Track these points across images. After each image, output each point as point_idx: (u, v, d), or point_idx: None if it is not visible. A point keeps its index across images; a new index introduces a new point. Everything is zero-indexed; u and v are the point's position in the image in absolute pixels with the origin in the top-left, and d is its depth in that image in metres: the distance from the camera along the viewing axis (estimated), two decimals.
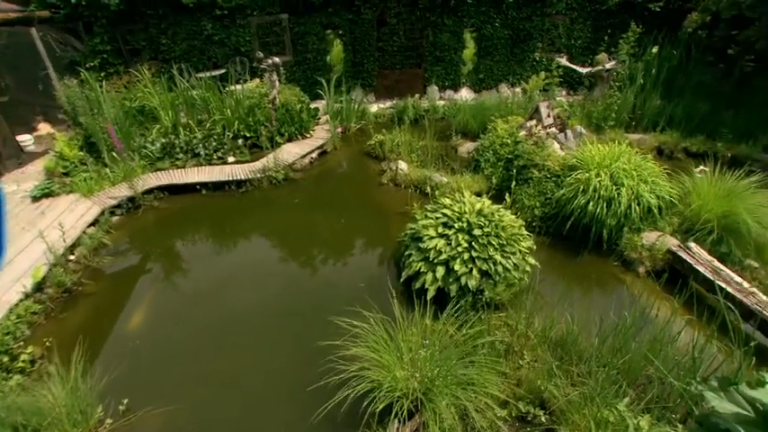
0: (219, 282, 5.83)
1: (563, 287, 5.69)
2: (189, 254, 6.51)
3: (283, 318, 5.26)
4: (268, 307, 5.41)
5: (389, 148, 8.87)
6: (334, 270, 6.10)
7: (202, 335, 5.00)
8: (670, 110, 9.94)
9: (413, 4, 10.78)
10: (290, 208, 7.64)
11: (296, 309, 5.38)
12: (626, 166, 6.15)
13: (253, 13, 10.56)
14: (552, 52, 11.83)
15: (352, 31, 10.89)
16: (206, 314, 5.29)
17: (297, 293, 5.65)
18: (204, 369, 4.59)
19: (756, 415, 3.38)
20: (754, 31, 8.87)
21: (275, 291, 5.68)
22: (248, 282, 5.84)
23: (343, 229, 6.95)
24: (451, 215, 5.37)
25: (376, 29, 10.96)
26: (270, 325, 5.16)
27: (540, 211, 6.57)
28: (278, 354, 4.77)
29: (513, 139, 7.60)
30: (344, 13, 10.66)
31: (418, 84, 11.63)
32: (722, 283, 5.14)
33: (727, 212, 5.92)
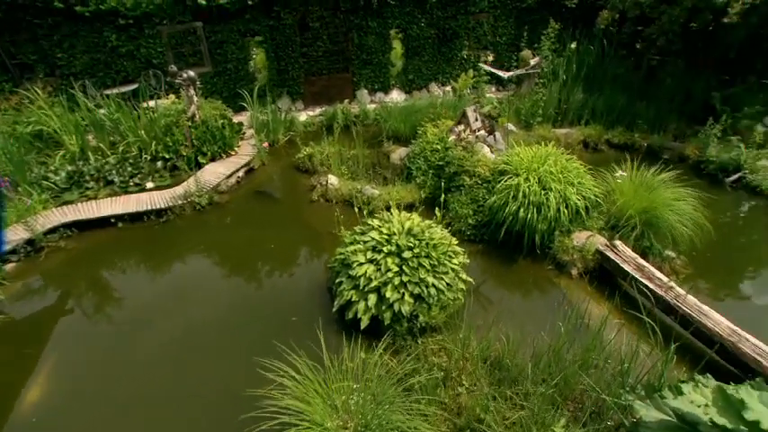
0: (134, 329, 5.27)
1: (499, 298, 5.65)
2: (101, 302, 5.84)
3: (206, 363, 4.81)
4: (190, 353, 4.93)
5: (319, 160, 8.50)
6: (265, 303, 5.70)
7: (111, 400, 4.46)
8: (592, 103, 10.26)
9: (335, 7, 10.40)
10: (215, 236, 7.10)
11: (221, 351, 4.95)
12: (553, 168, 6.18)
13: (162, 22, 9.75)
14: (479, 50, 11.90)
15: (274, 38, 10.35)
16: (117, 373, 4.74)
17: (222, 334, 5.20)
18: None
19: (679, 421, 3.41)
20: (655, 29, 9.30)
21: (198, 334, 5.20)
22: (167, 327, 5.30)
23: (274, 256, 6.54)
24: (380, 238, 5.13)
25: (298, 34, 10.48)
26: (191, 374, 4.70)
27: (473, 220, 6.50)
28: (196, 408, 4.34)
29: (443, 145, 7.49)
30: (263, 19, 10.10)
31: (347, 88, 11.30)
32: (645, 280, 5.28)
33: (647, 208, 6.12)
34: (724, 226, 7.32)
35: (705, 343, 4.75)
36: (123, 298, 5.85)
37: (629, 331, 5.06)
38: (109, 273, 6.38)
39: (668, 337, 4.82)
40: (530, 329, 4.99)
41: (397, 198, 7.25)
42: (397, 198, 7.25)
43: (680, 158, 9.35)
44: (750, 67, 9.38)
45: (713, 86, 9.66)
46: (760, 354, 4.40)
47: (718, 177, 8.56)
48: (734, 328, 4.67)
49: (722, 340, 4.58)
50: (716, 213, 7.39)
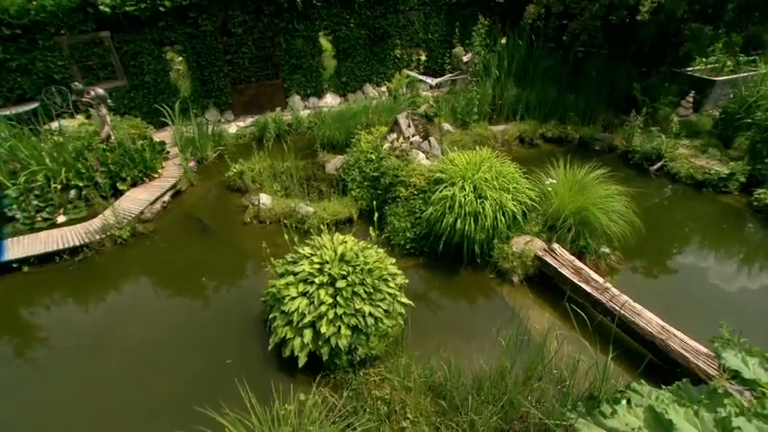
0: (38, 396, 4.69)
1: (442, 315, 5.52)
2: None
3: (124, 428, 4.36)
4: (102, 418, 4.45)
5: (250, 177, 8.03)
6: (197, 346, 5.24)
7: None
8: (525, 97, 10.40)
9: (258, 11, 9.84)
10: (138, 273, 6.51)
11: (144, 411, 4.50)
12: (488, 175, 6.11)
13: (60, 32, 8.80)
14: (411, 48, 11.74)
15: (194, 46, 9.66)
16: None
17: (147, 389, 4.74)
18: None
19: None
20: (578, 24, 9.51)
21: (116, 389, 4.70)
22: (76, 386, 4.76)
23: (205, 290, 6.07)
24: (311, 269, 4.83)
25: (220, 41, 9.85)
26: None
27: (411, 233, 6.33)
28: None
29: (377, 155, 7.26)
30: (179, 26, 9.38)
31: (278, 95, 10.80)
32: (583, 283, 5.33)
33: (580, 208, 6.19)
34: (650, 213, 7.61)
35: (640, 342, 4.86)
36: (22, 364, 5.21)
37: (572, 337, 5.09)
38: (8, 334, 5.66)
39: (610, 340, 4.93)
40: (473, 347, 4.92)
41: (333, 214, 6.96)
42: (332, 214, 6.96)
43: (609, 149, 9.68)
44: (662, 59, 9.82)
45: (633, 78, 10.04)
46: (686, 349, 4.54)
47: (643, 166, 8.92)
48: (663, 325, 4.79)
49: (653, 339, 4.69)
50: (643, 202, 7.69)
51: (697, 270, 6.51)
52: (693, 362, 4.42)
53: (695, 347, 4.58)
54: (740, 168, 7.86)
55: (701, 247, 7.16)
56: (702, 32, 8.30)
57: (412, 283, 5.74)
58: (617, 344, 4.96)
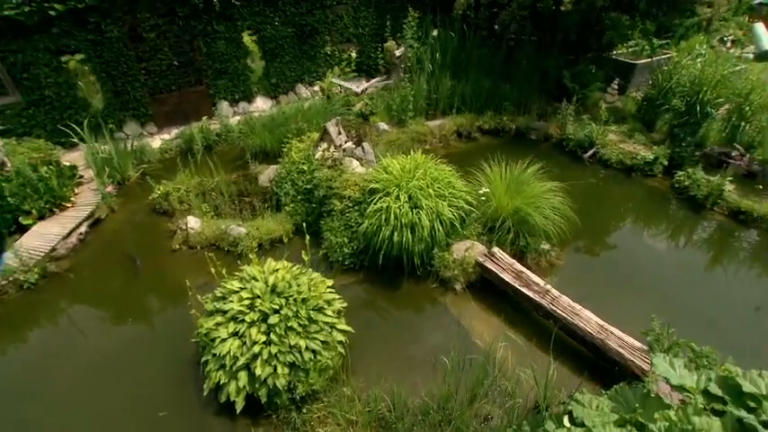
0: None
1: (385, 333, 5.33)
2: None
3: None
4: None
5: (177, 198, 7.44)
6: (124, 400, 4.75)
7: None
8: (460, 89, 10.31)
9: (170, 13, 9.06)
10: (51, 321, 5.83)
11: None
12: (422, 182, 5.94)
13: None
14: (342, 43, 11.32)
15: (100, 54, 8.77)
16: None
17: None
18: None
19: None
20: (507, 15, 9.49)
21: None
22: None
23: (131, 333, 5.53)
24: (241, 307, 4.48)
25: (131, 47, 9.01)
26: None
27: (349, 248, 6.08)
28: None
29: (309, 166, 6.91)
30: (79, 32, 8.45)
31: (205, 103, 10.10)
32: (524, 288, 5.31)
33: (518, 207, 6.17)
34: (586, 201, 7.78)
35: (581, 343, 4.91)
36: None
37: (518, 344, 5.08)
38: None
39: (552, 345, 4.95)
40: (419, 367, 4.78)
41: (267, 233, 6.58)
42: (266, 233, 6.58)
43: (545, 138, 9.82)
44: (587, 46, 10.04)
45: (563, 65, 10.20)
46: (623, 346, 4.62)
47: (577, 154, 9.12)
48: (602, 324, 4.86)
49: (593, 339, 4.74)
50: (579, 190, 7.86)
51: (631, 254, 6.72)
52: (630, 359, 4.50)
53: (631, 343, 4.67)
54: (662, 153, 8.18)
55: (633, 233, 7.43)
56: (621, 21, 8.51)
57: (352, 302, 5.51)
58: (563, 346, 5.04)
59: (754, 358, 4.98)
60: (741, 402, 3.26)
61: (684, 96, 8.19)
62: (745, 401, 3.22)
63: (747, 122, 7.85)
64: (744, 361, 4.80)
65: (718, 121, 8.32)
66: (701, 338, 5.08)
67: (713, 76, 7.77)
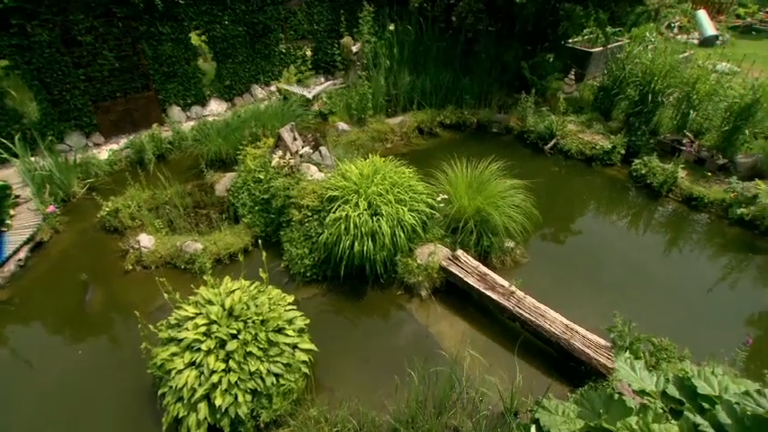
0: None
1: (351, 347, 5.19)
2: None
3: None
4: None
5: (128, 214, 7.01)
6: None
7: None
8: (420, 84, 10.17)
9: (107, 14, 8.47)
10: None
11: None
12: (381, 187, 5.79)
13: None
14: (297, 40, 10.94)
15: (29, 61, 8.10)
16: None
17: None
18: None
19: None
20: (463, 7, 9.38)
21: None
22: None
23: (82, 366, 5.16)
24: (196, 335, 4.24)
25: (66, 52, 8.38)
26: None
27: (310, 259, 5.88)
28: None
29: (266, 174, 6.64)
30: (1, 37, 7.76)
31: (154, 109, 9.56)
32: (489, 291, 5.27)
33: (480, 207, 6.11)
34: (548, 194, 7.86)
35: (547, 344, 4.92)
36: None
37: (486, 349, 5.05)
38: None
39: (524, 344, 4.96)
40: (387, 381, 4.65)
41: (225, 247, 6.30)
42: (224, 248, 6.29)
43: (507, 130, 9.83)
44: (544, 37, 10.06)
45: (521, 56, 10.20)
46: (588, 345, 4.66)
47: (539, 145, 9.17)
48: (567, 324, 4.88)
49: (559, 340, 4.75)
50: (541, 182, 7.92)
51: (593, 246, 6.82)
52: (595, 357, 4.53)
53: (596, 341, 4.71)
54: (620, 141, 8.32)
55: (595, 223, 7.53)
56: (575, 12, 8.54)
57: (316, 316, 5.37)
58: (531, 346, 5.05)
59: (708, 337, 5.29)
60: (696, 404, 3.32)
61: (638, 86, 8.34)
62: (700, 403, 3.28)
63: (695, 110, 8.07)
64: (699, 340, 5.05)
65: (669, 109, 8.52)
66: (662, 321, 5.34)
67: (663, 65, 7.91)
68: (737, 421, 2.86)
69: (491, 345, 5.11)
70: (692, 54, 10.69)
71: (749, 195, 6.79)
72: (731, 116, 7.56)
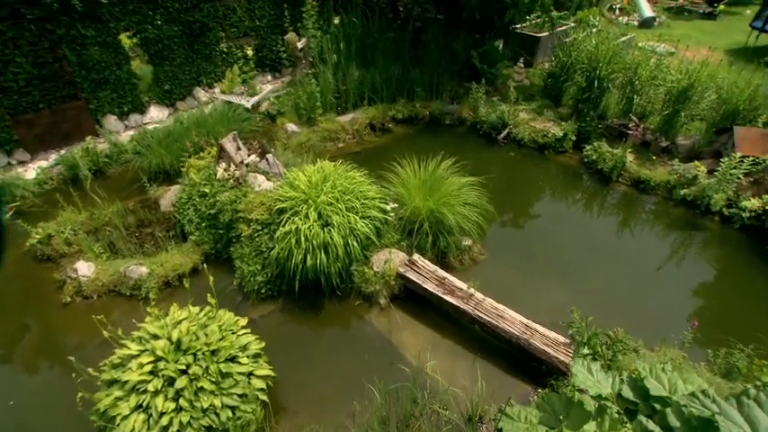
0: None
1: (310, 366, 5.00)
2: None
3: None
4: None
5: (63, 240, 6.49)
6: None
7: None
8: (370, 79, 9.91)
9: (15, 16, 7.68)
10: None
11: None
12: (332, 196, 5.59)
13: None
14: (239, 38, 10.41)
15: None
16: None
17: None
18: None
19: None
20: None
21: None
22: None
23: (15, 419, 4.75)
24: (141, 376, 3.95)
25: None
26: None
27: (263, 276, 5.62)
28: None
29: (211, 188, 6.29)
30: None
31: (86, 119, 8.87)
32: (448, 296, 5.20)
33: (435, 207, 6.01)
34: (503, 184, 7.90)
35: (508, 345, 4.93)
36: None
37: (449, 354, 5.02)
38: None
39: (487, 345, 4.95)
40: (350, 399, 4.55)
41: (173, 269, 5.94)
42: (172, 269, 5.94)
43: (460, 121, 9.78)
44: (492, 25, 10.02)
45: (470, 45, 10.12)
46: (548, 344, 4.69)
47: (492, 135, 9.18)
48: (526, 323, 4.89)
49: (519, 340, 4.76)
50: (495, 172, 7.96)
51: (550, 235, 6.91)
52: (554, 356, 4.57)
53: (555, 339, 4.76)
54: (570, 128, 8.43)
55: (550, 212, 7.59)
56: None
57: (272, 335, 5.16)
58: (494, 348, 5.04)
59: (660, 313, 5.55)
60: (649, 405, 3.38)
61: (584, 72, 8.44)
62: (653, 404, 3.34)
63: (638, 95, 8.26)
64: (652, 318, 5.30)
65: (615, 94, 8.69)
66: (618, 303, 5.57)
67: (607, 51, 8.03)
68: (685, 422, 2.91)
69: (454, 350, 5.07)
70: (632, 37, 10.96)
71: (690, 177, 7.03)
72: (670, 100, 7.79)
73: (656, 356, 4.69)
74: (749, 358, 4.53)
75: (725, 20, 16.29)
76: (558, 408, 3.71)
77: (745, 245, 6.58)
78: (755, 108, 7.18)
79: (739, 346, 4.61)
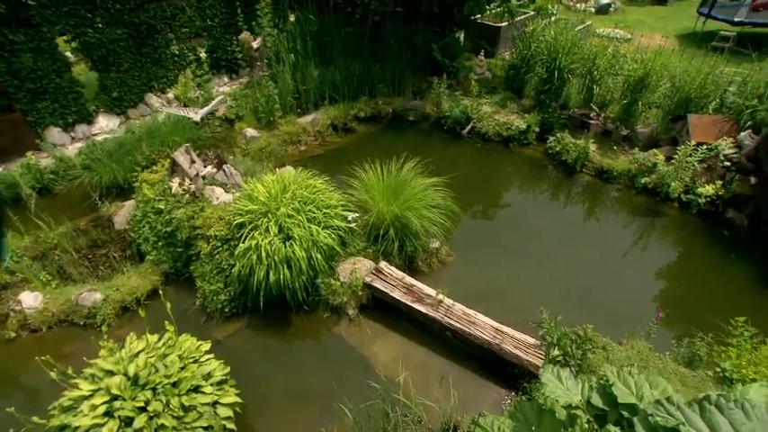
0: None
1: (279, 387, 4.82)
2: None
3: None
4: None
5: (4, 269, 6.04)
6: None
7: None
8: (330, 77, 9.65)
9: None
10: None
11: None
12: (292, 207, 5.38)
13: None
14: (191, 39, 9.91)
15: None
16: None
17: None
18: None
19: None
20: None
21: None
22: None
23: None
24: (95, 419, 3.70)
25: None
26: None
27: (226, 294, 5.40)
28: None
29: (166, 204, 5.97)
30: None
31: (26, 133, 8.27)
32: (416, 304, 5.11)
33: (400, 212, 5.88)
34: (469, 180, 7.88)
35: (480, 351, 4.89)
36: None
37: (423, 363, 4.94)
38: None
39: (460, 351, 4.88)
40: (320, 415, 4.42)
41: (130, 292, 5.63)
42: (129, 293, 5.62)
43: (423, 117, 9.66)
44: (452, 17, 9.89)
45: (431, 38, 9.96)
46: (518, 347, 4.68)
47: (456, 130, 9.11)
48: (497, 327, 4.87)
49: (490, 345, 4.73)
50: (461, 167, 7.93)
51: (517, 230, 6.95)
52: (526, 359, 4.56)
53: (526, 341, 4.75)
54: (534, 120, 8.44)
55: (516, 207, 7.62)
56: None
57: (239, 355, 5.00)
58: (466, 353, 5.00)
59: (627, 300, 5.68)
60: (618, 411, 3.38)
61: (544, 63, 8.45)
62: (621, 411, 3.35)
63: (597, 84, 8.33)
64: (619, 305, 5.47)
65: (575, 84, 8.74)
66: (587, 294, 5.67)
67: (565, 42, 8.04)
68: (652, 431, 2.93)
69: (426, 359, 5.01)
70: (590, 24, 11.06)
71: (650, 165, 7.16)
72: (628, 89, 7.89)
73: (625, 351, 4.75)
74: (709, 346, 4.65)
75: (675, 5, 16.73)
76: (530, 416, 3.67)
77: (702, 229, 6.77)
78: (706, 95, 7.35)
79: (700, 334, 4.72)
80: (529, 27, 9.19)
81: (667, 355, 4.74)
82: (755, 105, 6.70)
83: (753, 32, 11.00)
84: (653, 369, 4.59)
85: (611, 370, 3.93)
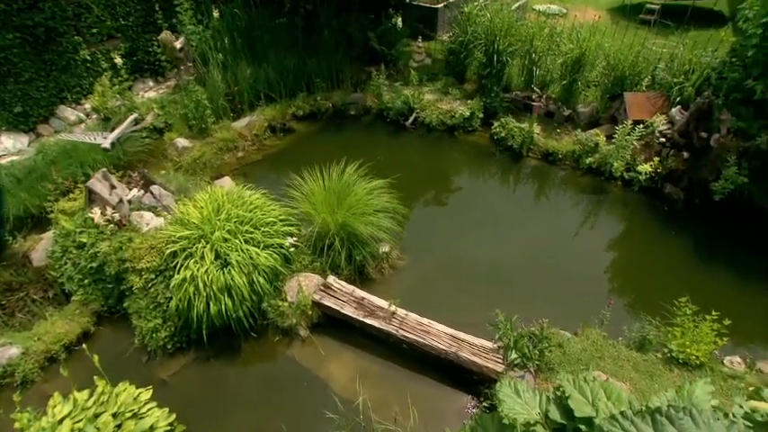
0: None
1: (234, 418, 4.56)
2: None
3: None
4: None
5: None
6: None
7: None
8: (263, 74, 9.07)
9: None
10: None
11: None
12: (227, 229, 4.99)
13: None
14: (104, 41, 9.00)
15: None
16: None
17: None
18: None
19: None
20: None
21: None
22: None
23: None
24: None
25: None
26: None
27: (166, 330, 4.97)
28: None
29: (89, 236, 5.40)
30: None
31: None
32: (369, 319, 4.90)
33: (345, 220, 5.61)
34: (415, 175, 7.70)
35: (437, 360, 4.76)
36: None
37: (382, 377, 4.78)
38: None
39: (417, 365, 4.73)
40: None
41: (56, 340, 5.08)
42: (54, 340, 5.07)
43: (365, 111, 9.32)
44: (386, 2, 9.50)
45: (367, 26, 9.55)
46: (476, 353, 4.59)
47: (400, 122, 8.84)
48: (453, 334, 4.74)
49: (447, 354, 4.61)
50: (406, 161, 7.73)
51: (468, 223, 6.83)
52: (484, 365, 4.47)
53: (483, 345, 4.66)
54: (477, 106, 8.31)
55: (465, 198, 7.51)
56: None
57: (187, 394, 4.69)
58: (425, 365, 4.86)
59: (579, 281, 5.80)
60: (575, 425, 3.33)
61: (483, 47, 8.28)
62: (578, 425, 3.30)
63: (537, 66, 8.27)
64: (572, 288, 5.59)
65: (515, 66, 8.65)
66: (540, 281, 5.76)
67: (502, 24, 7.88)
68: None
69: (385, 374, 4.85)
70: (526, 1, 10.98)
71: (592, 145, 7.21)
72: (567, 69, 7.87)
73: (580, 342, 4.77)
74: (657, 329, 4.75)
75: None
76: (490, 429, 3.56)
77: (644, 206, 6.94)
78: (638, 72, 7.45)
79: (648, 318, 4.81)
80: (465, 8, 8.94)
81: (620, 340, 4.81)
82: (682, 81, 6.85)
83: (675, 5, 11.33)
84: (608, 359, 4.64)
85: (568, 379, 3.86)
